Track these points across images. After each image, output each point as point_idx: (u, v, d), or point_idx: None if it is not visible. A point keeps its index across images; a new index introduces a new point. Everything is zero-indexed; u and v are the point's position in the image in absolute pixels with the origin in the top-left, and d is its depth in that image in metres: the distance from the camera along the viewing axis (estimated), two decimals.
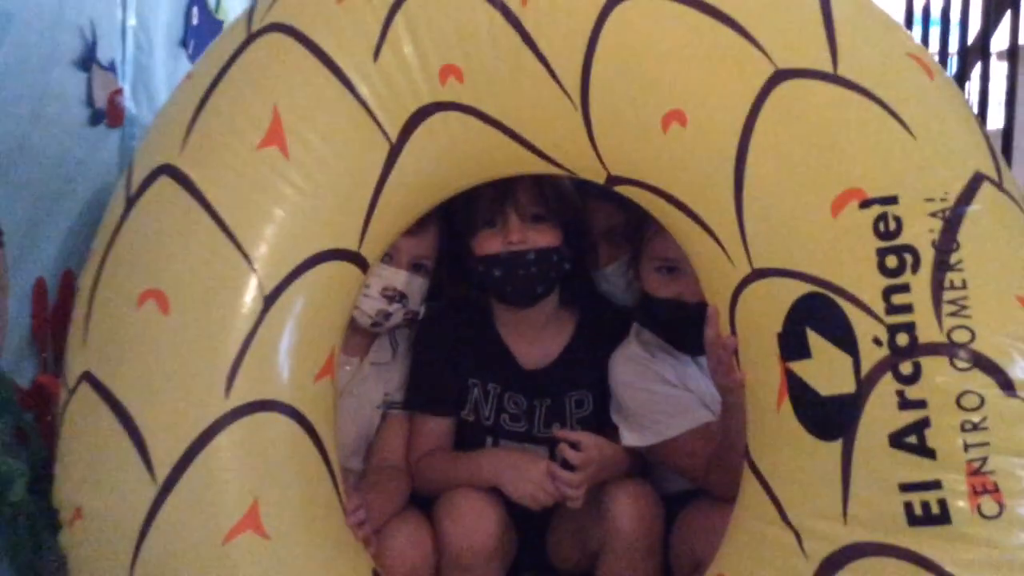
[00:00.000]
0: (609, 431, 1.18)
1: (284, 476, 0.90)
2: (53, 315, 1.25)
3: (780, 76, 0.81)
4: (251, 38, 0.95)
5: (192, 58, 1.68)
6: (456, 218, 1.16)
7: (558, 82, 0.89)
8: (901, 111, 0.78)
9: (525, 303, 1.18)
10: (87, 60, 1.33)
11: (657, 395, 1.14)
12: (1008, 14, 1.78)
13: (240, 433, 0.88)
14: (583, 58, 0.88)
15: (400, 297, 1.15)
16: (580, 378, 1.22)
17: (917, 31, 2.07)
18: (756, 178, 0.81)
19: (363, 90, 0.93)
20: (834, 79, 0.80)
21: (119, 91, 1.42)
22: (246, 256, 0.91)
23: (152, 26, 1.53)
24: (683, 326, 1.07)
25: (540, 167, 0.98)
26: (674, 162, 0.86)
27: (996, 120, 1.90)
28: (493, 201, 1.12)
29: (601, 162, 0.92)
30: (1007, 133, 1.75)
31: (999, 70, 2.01)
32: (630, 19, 0.86)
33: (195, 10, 1.68)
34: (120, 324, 0.91)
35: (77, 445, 0.92)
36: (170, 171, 0.93)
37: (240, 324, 0.90)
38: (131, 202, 0.95)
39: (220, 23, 1.78)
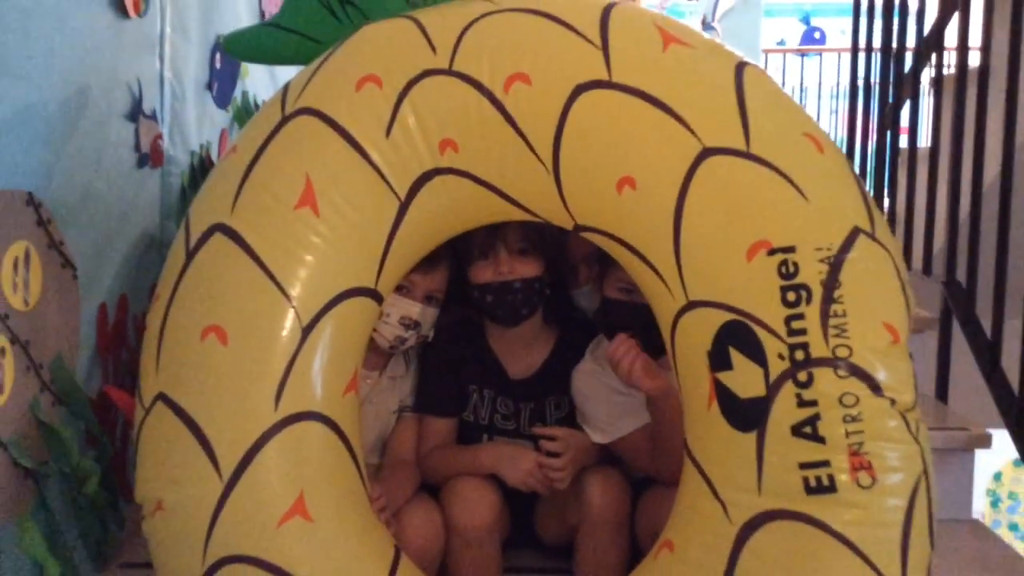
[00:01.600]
0: (580, 430, 1.42)
1: (322, 472, 1.12)
2: (112, 333, 1.48)
3: (706, 153, 1.04)
4: (285, 119, 1.17)
5: (216, 99, 1.90)
6: (458, 255, 1.39)
7: (535, 153, 1.12)
8: (797, 180, 1.01)
9: (512, 323, 1.41)
10: (135, 112, 1.54)
11: (608, 402, 1.38)
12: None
13: (287, 439, 1.09)
14: (554, 134, 1.10)
15: (415, 325, 1.38)
16: (558, 385, 1.46)
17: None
18: (690, 230, 1.04)
19: (377, 160, 1.14)
20: (747, 155, 1.03)
21: (160, 136, 1.64)
22: (287, 296, 1.12)
23: (184, 75, 1.74)
24: (631, 326, 1.30)
25: (522, 216, 1.21)
26: (626, 217, 1.09)
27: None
28: (486, 238, 1.36)
29: (570, 214, 1.15)
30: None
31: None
32: (591, 105, 1.08)
33: (217, 55, 1.89)
34: (187, 354, 1.12)
35: (155, 451, 1.12)
36: (223, 229, 1.14)
37: (284, 350, 1.11)
38: (191, 255, 1.16)
39: (238, 64, 1.99)
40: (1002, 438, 1.79)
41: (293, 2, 1.34)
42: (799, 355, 0.96)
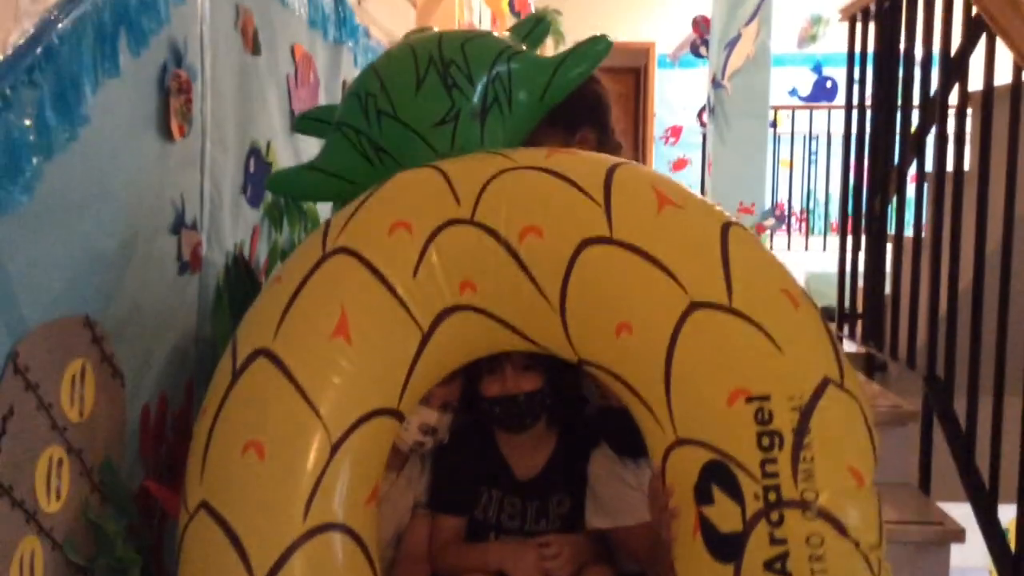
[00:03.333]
0: (581, 524, 1.56)
1: None
2: (153, 430, 1.62)
3: (693, 306, 1.18)
4: (325, 256, 1.31)
5: (249, 200, 2.04)
6: (470, 368, 1.53)
7: (544, 296, 1.26)
8: (774, 333, 1.16)
9: (518, 431, 1.55)
10: (178, 225, 1.68)
11: (618, 492, 1.52)
12: None
13: (312, 548, 1.21)
14: (561, 281, 1.24)
15: (433, 431, 1.52)
16: (560, 484, 1.60)
17: None
18: (679, 375, 1.18)
19: (405, 296, 1.28)
20: (729, 310, 1.17)
21: (199, 243, 1.78)
22: (319, 416, 1.25)
23: (222, 184, 1.88)
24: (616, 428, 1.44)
25: (532, 348, 1.35)
26: (623, 358, 1.23)
27: None
28: (494, 355, 1.50)
29: (574, 350, 1.29)
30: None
31: None
32: (594, 258, 1.23)
33: (251, 160, 2.04)
34: (229, 466, 1.25)
35: (197, 556, 1.25)
36: (266, 353, 1.28)
37: (314, 466, 1.24)
38: (236, 375, 1.30)
39: (270, 165, 2.14)
40: None
41: (331, 148, 1.48)
42: (772, 496, 1.10)
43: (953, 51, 2.19)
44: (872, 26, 2.62)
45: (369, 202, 1.34)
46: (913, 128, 2.45)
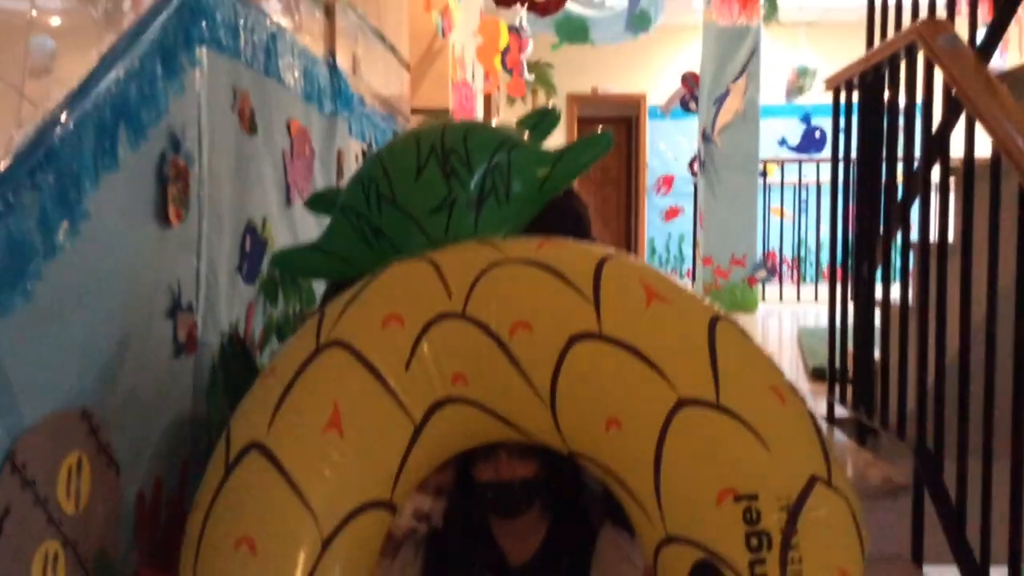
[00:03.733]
0: None
1: None
2: (148, 515, 1.62)
3: (681, 403, 1.20)
4: (319, 349, 1.33)
5: (245, 278, 2.06)
6: (464, 453, 1.54)
7: (534, 390, 1.27)
8: (761, 431, 1.17)
9: (512, 516, 1.56)
10: (174, 309, 1.70)
11: (625, 572, 1.52)
12: None
13: None
14: (551, 376, 1.26)
15: (426, 517, 1.53)
16: (552, 567, 1.60)
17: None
18: (668, 472, 1.19)
19: (397, 389, 1.30)
20: (717, 407, 1.19)
21: (195, 325, 1.80)
22: (311, 510, 1.26)
23: (218, 265, 1.90)
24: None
25: (523, 439, 1.37)
26: (613, 453, 1.25)
27: None
28: (489, 443, 1.51)
29: (565, 443, 1.31)
30: None
31: None
32: (583, 353, 1.25)
33: (247, 238, 2.07)
34: (221, 560, 1.25)
35: None
36: (259, 447, 1.29)
37: (305, 562, 1.24)
38: (229, 469, 1.30)
39: (266, 242, 2.17)
40: None
41: (334, 229, 1.51)
42: None
43: (935, 125, 2.24)
44: (856, 95, 2.68)
45: (363, 295, 1.37)
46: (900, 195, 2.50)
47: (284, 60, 2.28)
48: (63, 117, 1.29)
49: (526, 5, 3.91)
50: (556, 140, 1.54)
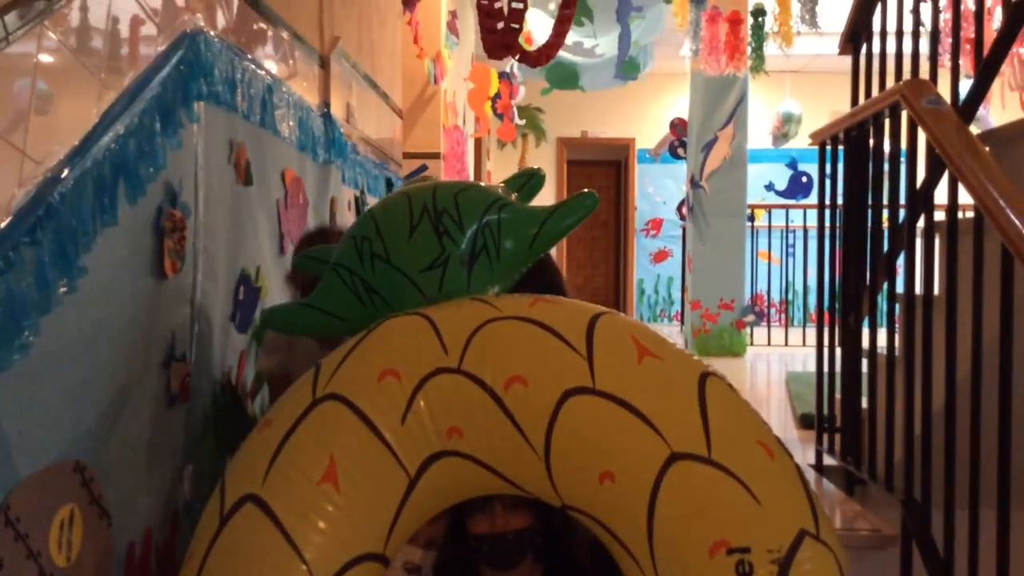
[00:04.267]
0: None
1: None
2: (139, 566, 1.61)
3: (674, 457, 1.22)
4: (315, 403, 1.34)
5: (238, 327, 2.08)
6: (458, 506, 1.55)
7: (529, 444, 1.29)
8: (751, 485, 1.19)
9: (506, 569, 1.56)
10: (168, 359, 1.71)
11: None
12: None
13: None
14: (546, 430, 1.28)
15: (417, 570, 1.53)
16: None
17: None
18: (661, 525, 1.21)
19: (393, 443, 1.31)
20: (708, 461, 1.21)
21: (188, 374, 1.81)
22: (305, 562, 1.26)
23: (211, 314, 1.91)
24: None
25: (517, 491, 1.38)
26: (607, 506, 1.26)
27: None
28: (484, 495, 1.52)
29: (558, 496, 1.32)
30: None
31: None
32: (577, 408, 1.27)
33: (241, 287, 2.08)
34: None
35: None
36: (254, 499, 1.30)
37: None
38: (224, 520, 1.31)
39: (259, 289, 2.19)
40: None
41: (326, 286, 1.53)
42: None
43: (919, 180, 2.29)
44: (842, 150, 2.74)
45: (359, 349, 1.38)
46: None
47: (280, 111, 2.31)
48: (63, 174, 1.31)
49: (517, 56, 3.98)
50: (547, 181, 1.57)
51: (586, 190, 1.52)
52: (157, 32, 1.63)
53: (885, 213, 2.52)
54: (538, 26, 6.69)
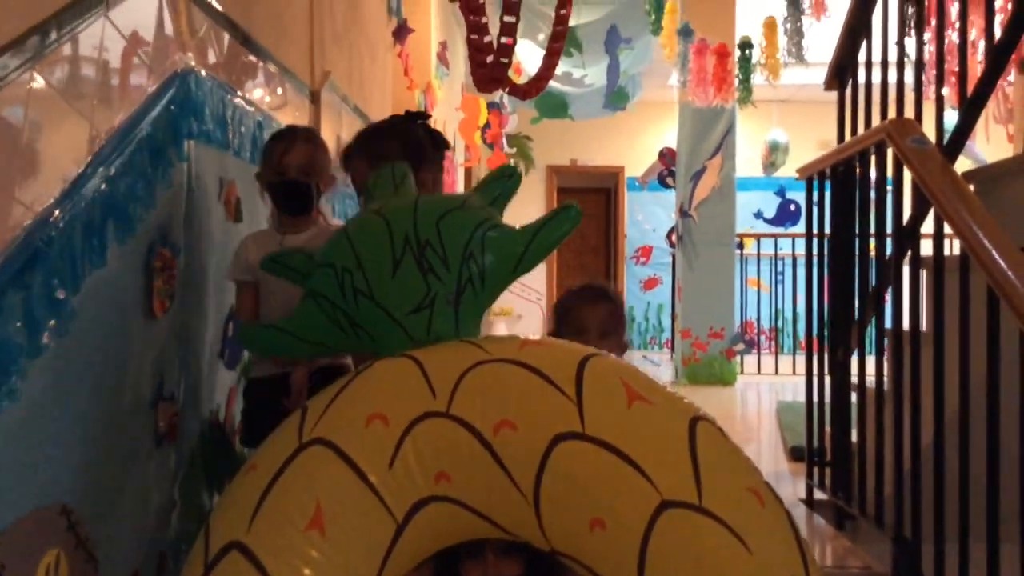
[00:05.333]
0: None
1: None
2: None
3: (665, 505, 1.21)
4: (301, 447, 1.33)
5: (227, 364, 2.07)
6: (448, 552, 1.54)
7: (518, 489, 1.28)
8: (743, 534, 1.18)
9: None
10: (156, 399, 1.71)
11: None
12: None
13: None
14: (535, 475, 1.27)
15: None
16: None
17: None
18: (652, 572, 1.19)
19: (380, 488, 1.30)
20: (699, 509, 1.20)
21: (176, 413, 1.80)
22: None
23: (200, 350, 1.91)
24: None
25: (506, 536, 1.37)
26: (597, 553, 1.25)
27: None
28: (475, 541, 1.51)
29: (548, 542, 1.31)
30: None
31: None
32: (567, 453, 1.26)
33: (230, 324, 2.07)
34: None
35: None
36: (239, 546, 1.28)
37: None
38: (209, 568, 1.29)
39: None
40: None
41: (304, 314, 1.49)
42: None
43: (906, 215, 2.30)
44: (829, 185, 2.76)
45: (346, 392, 1.38)
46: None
47: None
48: (53, 215, 1.31)
49: (507, 88, 4.00)
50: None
51: (568, 203, 1.49)
52: (148, 73, 1.64)
53: (873, 246, 2.53)
54: (527, 57, 6.74)
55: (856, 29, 2.72)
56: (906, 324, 2.25)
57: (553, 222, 1.49)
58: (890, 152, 2.28)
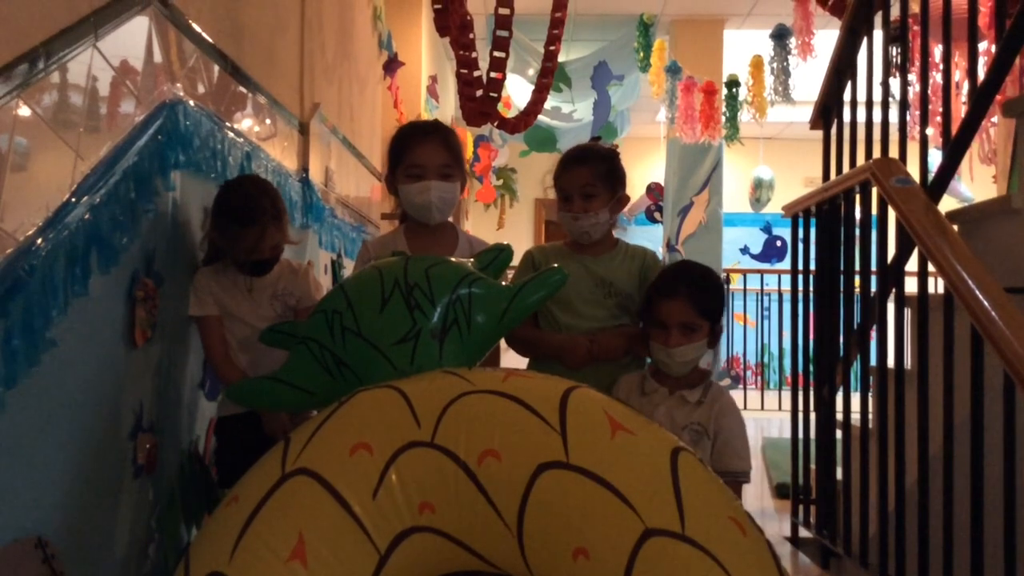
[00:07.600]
0: None
1: None
2: None
3: (648, 533, 1.20)
4: (284, 477, 1.32)
5: (208, 395, 2.05)
6: None
7: (502, 519, 1.27)
8: (725, 562, 1.17)
9: None
10: (136, 431, 1.69)
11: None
12: None
13: None
14: (519, 505, 1.26)
15: None
16: None
17: None
18: None
19: (363, 518, 1.28)
20: (682, 537, 1.19)
21: (155, 445, 1.78)
22: None
23: (180, 383, 1.90)
24: None
25: (489, 569, 1.35)
26: None
27: None
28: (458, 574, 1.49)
29: (530, 571, 1.29)
30: None
31: None
32: (551, 483, 1.25)
33: None
34: None
35: None
36: None
37: None
38: None
39: None
40: None
41: (295, 360, 1.52)
42: None
43: (890, 254, 2.32)
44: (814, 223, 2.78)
45: (330, 422, 1.37)
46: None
47: None
48: (37, 243, 1.30)
49: (496, 123, 4.03)
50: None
51: (553, 266, 1.54)
52: (136, 102, 1.64)
53: (858, 284, 2.55)
54: (517, 91, 6.80)
55: (841, 69, 2.76)
56: (891, 362, 2.25)
57: (537, 282, 1.52)
58: (875, 191, 2.30)
